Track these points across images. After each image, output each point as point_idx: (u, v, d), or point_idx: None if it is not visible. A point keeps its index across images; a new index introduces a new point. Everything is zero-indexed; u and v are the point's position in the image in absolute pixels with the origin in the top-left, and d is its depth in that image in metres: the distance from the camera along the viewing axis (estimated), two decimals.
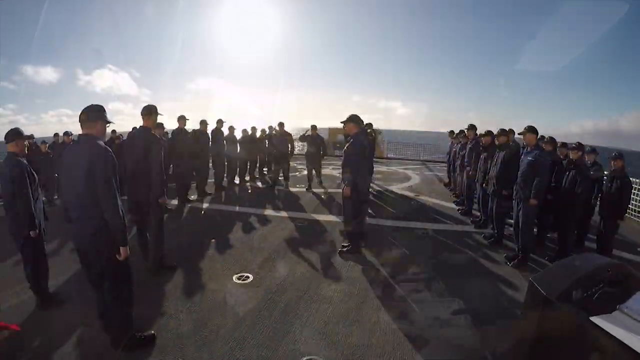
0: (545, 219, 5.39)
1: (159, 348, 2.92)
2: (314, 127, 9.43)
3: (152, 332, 3.09)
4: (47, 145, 8.43)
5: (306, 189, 9.37)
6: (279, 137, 9.66)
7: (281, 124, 9.74)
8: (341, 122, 4.99)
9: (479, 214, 6.50)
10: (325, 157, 9.73)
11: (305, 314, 3.45)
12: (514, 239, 4.93)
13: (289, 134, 9.93)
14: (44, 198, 8.33)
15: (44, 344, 3.03)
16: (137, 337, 2.92)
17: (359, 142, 4.69)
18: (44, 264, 3.62)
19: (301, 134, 9.92)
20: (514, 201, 4.82)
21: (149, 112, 4.18)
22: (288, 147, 9.70)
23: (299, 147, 16.60)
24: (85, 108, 2.70)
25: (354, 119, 4.81)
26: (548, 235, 5.54)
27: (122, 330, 2.84)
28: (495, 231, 5.49)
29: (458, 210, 7.45)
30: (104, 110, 2.75)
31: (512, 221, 4.96)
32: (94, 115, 2.67)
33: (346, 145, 4.86)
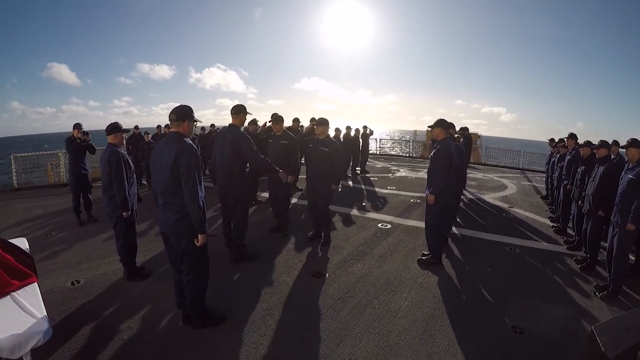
0: None
1: (225, 330, 3.45)
2: (322, 122, 5.52)
3: (222, 314, 3.62)
4: (150, 135, 10.08)
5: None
6: (274, 141, 5.91)
7: (276, 118, 5.94)
8: (428, 127, 5.12)
9: (573, 233, 6.18)
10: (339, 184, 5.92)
11: (370, 319, 3.72)
12: (606, 267, 4.66)
13: (292, 137, 6.05)
14: (144, 182, 9.70)
15: (121, 309, 3.78)
16: (207, 317, 3.47)
17: (446, 149, 4.77)
18: (133, 241, 4.46)
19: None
20: (610, 224, 4.55)
21: (238, 111, 4.76)
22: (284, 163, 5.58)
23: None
24: (175, 108, 3.23)
25: (440, 124, 4.89)
26: None
27: (194, 308, 3.41)
28: (588, 256, 5.21)
29: (552, 227, 7.16)
30: (192, 111, 3.25)
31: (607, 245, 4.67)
32: (182, 115, 3.18)
33: (432, 152, 4.97)
